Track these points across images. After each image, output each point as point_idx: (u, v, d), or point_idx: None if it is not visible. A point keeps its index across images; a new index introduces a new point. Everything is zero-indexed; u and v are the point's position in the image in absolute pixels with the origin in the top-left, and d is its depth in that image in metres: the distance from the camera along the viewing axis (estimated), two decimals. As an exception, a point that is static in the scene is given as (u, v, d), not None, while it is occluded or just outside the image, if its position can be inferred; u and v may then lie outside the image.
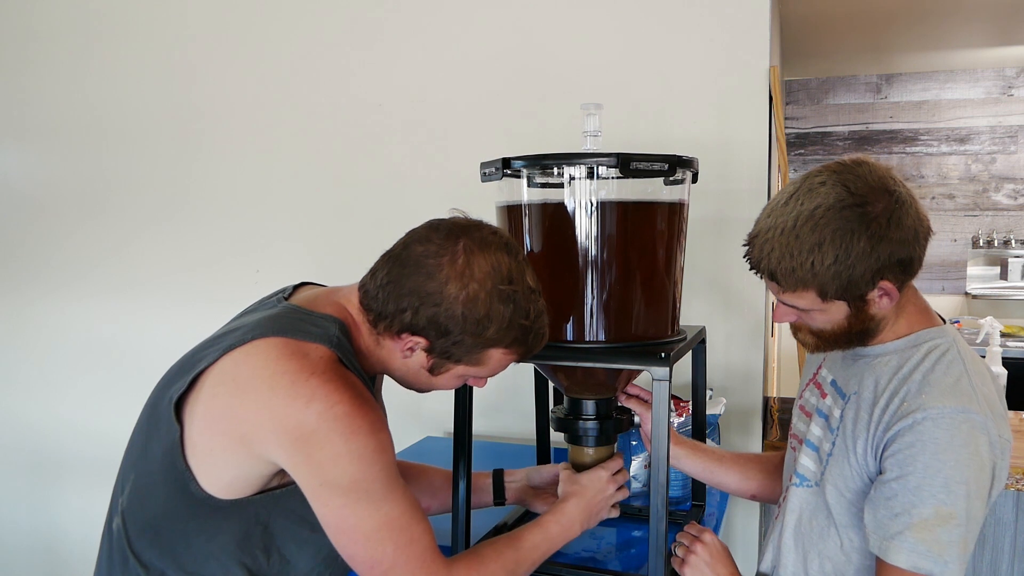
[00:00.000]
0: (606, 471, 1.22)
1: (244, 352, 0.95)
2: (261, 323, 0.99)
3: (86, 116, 2.38)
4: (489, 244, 0.99)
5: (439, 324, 0.98)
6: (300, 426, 0.90)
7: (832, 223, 0.93)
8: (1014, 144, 4.16)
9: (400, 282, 0.99)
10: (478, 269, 0.97)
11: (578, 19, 1.90)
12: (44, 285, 2.50)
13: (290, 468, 0.94)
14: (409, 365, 1.04)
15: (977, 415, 0.93)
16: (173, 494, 0.98)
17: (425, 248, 0.99)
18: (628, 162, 1.11)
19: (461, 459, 1.25)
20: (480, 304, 0.97)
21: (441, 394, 1.16)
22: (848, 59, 4.02)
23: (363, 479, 0.93)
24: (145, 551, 1.01)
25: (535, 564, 1.10)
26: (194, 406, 0.97)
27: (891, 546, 0.93)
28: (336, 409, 0.90)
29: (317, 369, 0.93)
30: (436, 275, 0.97)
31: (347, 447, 0.91)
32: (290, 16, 2.15)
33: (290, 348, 0.95)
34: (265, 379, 0.93)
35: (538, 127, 1.95)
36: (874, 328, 1.02)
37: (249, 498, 0.98)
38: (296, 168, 2.19)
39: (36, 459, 2.58)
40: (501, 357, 1.03)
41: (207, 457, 0.96)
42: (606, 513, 1.22)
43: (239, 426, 0.94)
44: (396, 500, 0.96)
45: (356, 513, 0.94)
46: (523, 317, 1.00)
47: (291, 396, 0.91)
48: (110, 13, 2.32)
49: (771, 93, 1.81)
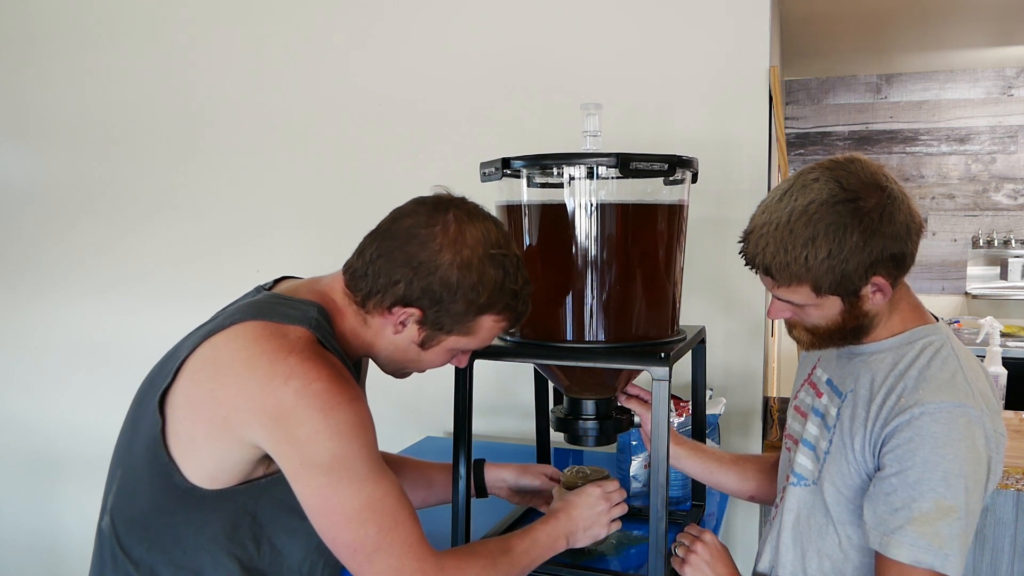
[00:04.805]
0: (599, 488, 1.21)
1: (223, 337, 0.96)
2: (240, 309, 1.00)
3: (82, 114, 2.39)
4: (477, 214, 1.03)
5: (433, 292, 0.99)
6: (279, 405, 0.91)
7: (825, 218, 0.94)
8: (1014, 144, 4.16)
9: (392, 255, 1.00)
10: (470, 236, 1.00)
11: (578, 19, 1.91)
12: (40, 283, 2.50)
13: (271, 449, 0.94)
14: (398, 342, 1.05)
15: (973, 410, 0.94)
16: (158, 487, 0.98)
17: (415, 220, 1.01)
18: (628, 162, 1.12)
19: (461, 457, 1.25)
20: (474, 269, 0.99)
21: (441, 394, 1.16)
22: (848, 59, 4.03)
23: (344, 456, 0.92)
24: (134, 547, 1.01)
25: (524, 569, 1.09)
26: (175, 396, 0.97)
27: (891, 541, 0.94)
28: (314, 386, 0.91)
29: (295, 348, 0.94)
30: (429, 244, 0.99)
31: (326, 423, 0.91)
32: (289, 17, 2.15)
33: (268, 330, 0.96)
34: (244, 361, 0.93)
35: (538, 127, 1.95)
36: (868, 325, 1.03)
37: (235, 488, 0.98)
38: (295, 167, 2.20)
39: (34, 458, 2.58)
40: (492, 325, 1.05)
41: (190, 446, 0.96)
42: (600, 530, 1.19)
43: (219, 410, 0.94)
44: (379, 481, 0.95)
45: (338, 493, 0.93)
46: (513, 282, 1.03)
47: (269, 375, 0.91)
48: (108, 12, 2.33)
49: (771, 93, 1.81)
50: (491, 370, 1.77)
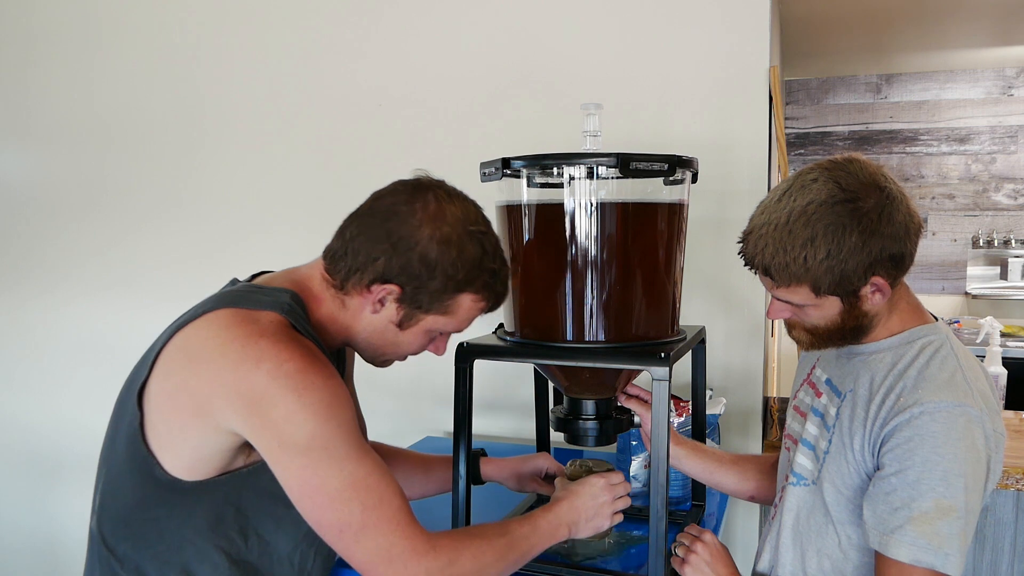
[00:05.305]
0: (602, 479, 1.19)
1: (194, 326, 0.97)
2: (212, 298, 1.01)
3: (83, 114, 2.39)
4: (456, 194, 1.05)
5: (412, 268, 0.99)
6: (252, 388, 0.91)
7: (824, 218, 0.94)
8: (1014, 144, 4.16)
9: (371, 232, 1.01)
10: (449, 213, 1.01)
11: (578, 19, 1.91)
12: (40, 283, 2.50)
13: (248, 434, 0.93)
14: (376, 322, 1.05)
15: (973, 409, 0.95)
16: (140, 482, 0.98)
17: (395, 199, 1.02)
18: (628, 162, 1.12)
19: (461, 457, 1.25)
20: (453, 245, 1.00)
21: (441, 394, 1.16)
22: (848, 59, 4.03)
23: (321, 435, 0.91)
24: (119, 545, 1.01)
25: (523, 554, 1.06)
26: (151, 389, 0.97)
27: (891, 540, 0.94)
28: (286, 366, 0.91)
29: (266, 332, 0.94)
30: (409, 220, 1.00)
31: (300, 402, 0.90)
32: (289, 18, 2.15)
33: (239, 316, 0.96)
34: (215, 347, 0.93)
35: (538, 127, 1.95)
36: (867, 325, 1.03)
37: (216, 478, 0.98)
38: (295, 168, 2.20)
39: (34, 458, 2.58)
40: (471, 305, 1.05)
41: (168, 437, 0.96)
42: (602, 521, 1.17)
43: (194, 398, 0.94)
44: (360, 460, 0.94)
45: (318, 473, 0.92)
46: (491, 261, 1.03)
47: (241, 359, 0.91)
48: (107, 13, 2.33)
49: (771, 93, 1.81)
50: (491, 370, 1.77)
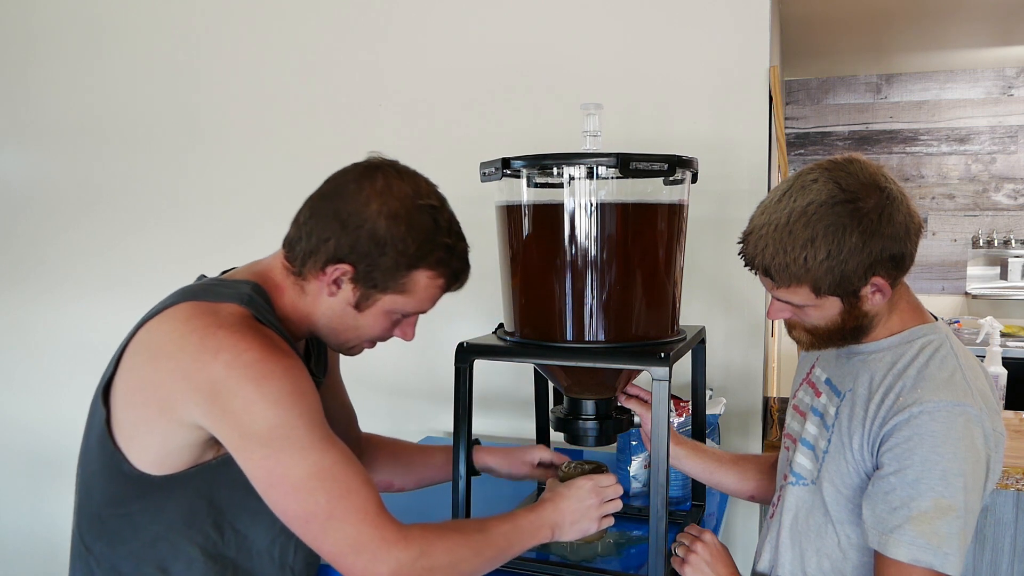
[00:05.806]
0: (591, 481, 1.16)
1: (156, 321, 0.97)
2: (174, 294, 1.01)
3: (82, 115, 2.39)
4: (408, 172, 1.05)
5: (362, 246, 0.99)
6: (211, 379, 0.90)
7: (824, 219, 0.94)
8: (1014, 144, 4.16)
9: (321, 212, 1.01)
10: (397, 189, 1.00)
11: (578, 19, 1.91)
12: (40, 283, 2.50)
13: (211, 426, 0.93)
14: (335, 305, 1.04)
15: (972, 408, 0.95)
16: (110, 479, 0.98)
17: (344, 178, 1.03)
18: (628, 162, 1.12)
19: (461, 457, 1.25)
20: (401, 220, 0.99)
21: (440, 393, 1.16)
22: (848, 59, 4.03)
23: (282, 425, 0.90)
24: (95, 544, 1.01)
25: (501, 552, 1.03)
26: (116, 385, 0.98)
27: (890, 540, 0.94)
28: (244, 356, 0.90)
29: (225, 323, 0.93)
30: (357, 197, 1.00)
31: (259, 392, 0.90)
32: (288, 18, 2.15)
33: (199, 309, 0.96)
34: (175, 341, 0.93)
35: (538, 127, 1.95)
36: (868, 325, 1.03)
37: (185, 472, 0.97)
38: (294, 168, 2.19)
39: (35, 459, 2.58)
40: (427, 283, 1.03)
41: (134, 432, 0.96)
42: (589, 524, 1.13)
43: (156, 392, 0.94)
44: (326, 450, 0.92)
45: (281, 462, 0.91)
46: (445, 235, 1.02)
47: (200, 351, 0.91)
48: (107, 13, 2.33)
49: (771, 93, 1.81)
50: (491, 370, 1.77)
